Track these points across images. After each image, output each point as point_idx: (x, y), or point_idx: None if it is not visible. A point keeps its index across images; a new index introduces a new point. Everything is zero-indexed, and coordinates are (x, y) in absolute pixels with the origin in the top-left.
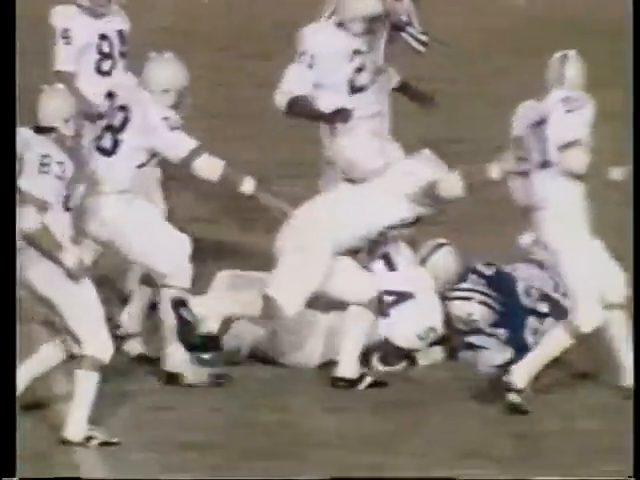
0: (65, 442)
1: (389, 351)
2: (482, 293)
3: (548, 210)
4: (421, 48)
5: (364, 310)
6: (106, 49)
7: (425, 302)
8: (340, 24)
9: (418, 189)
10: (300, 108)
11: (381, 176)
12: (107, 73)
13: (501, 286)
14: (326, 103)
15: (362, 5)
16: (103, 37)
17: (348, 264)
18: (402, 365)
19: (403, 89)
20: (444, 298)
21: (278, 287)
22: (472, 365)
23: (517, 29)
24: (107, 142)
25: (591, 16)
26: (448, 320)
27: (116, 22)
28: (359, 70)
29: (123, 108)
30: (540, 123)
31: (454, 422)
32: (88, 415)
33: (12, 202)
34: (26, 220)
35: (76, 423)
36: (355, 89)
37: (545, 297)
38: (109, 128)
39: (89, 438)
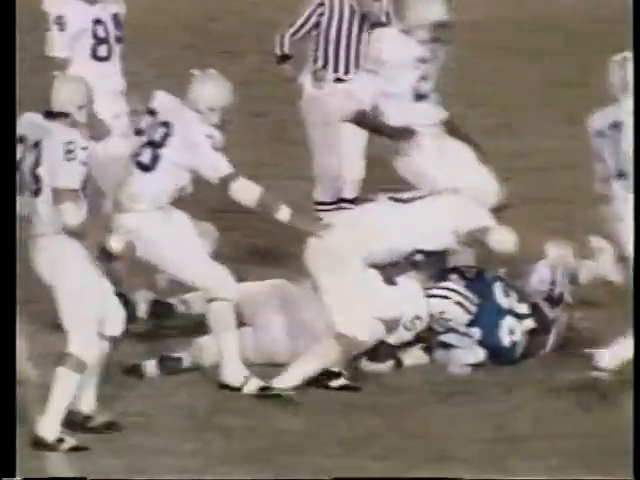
0: (37, 442)
1: (377, 347)
2: (459, 294)
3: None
4: None
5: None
6: (101, 34)
7: (409, 290)
8: (406, 30)
9: (468, 230)
10: (368, 121)
11: (437, 198)
12: (104, 58)
13: (479, 288)
14: (390, 112)
15: (429, 12)
16: (98, 22)
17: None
18: (390, 364)
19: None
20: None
21: (344, 321)
22: (445, 364)
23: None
24: (146, 157)
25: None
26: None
27: (111, 6)
28: (423, 79)
29: (165, 124)
30: (614, 131)
31: (425, 425)
32: (62, 418)
33: (12, 200)
34: (69, 216)
35: (50, 423)
36: (418, 97)
37: (525, 298)
38: (149, 144)
39: (60, 440)
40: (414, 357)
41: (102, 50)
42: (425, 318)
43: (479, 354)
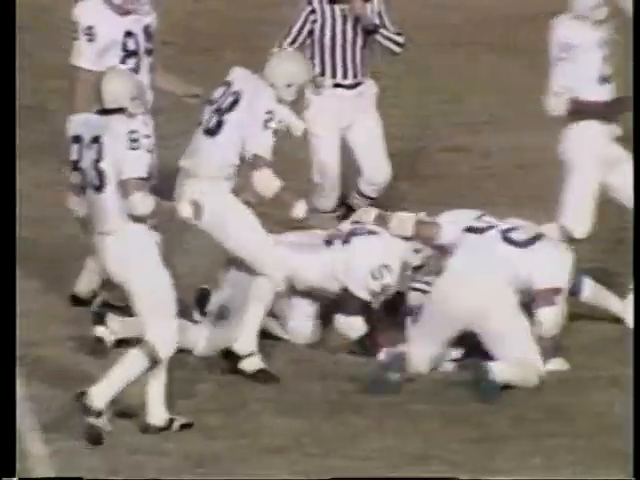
0: (85, 408)
1: (347, 301)
2: None
3: None
4: (397, 49)
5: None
6: (131, 46)
7: (382, 241)
8: (579, 16)
9: None
10: (582, 106)
11: None
12: (132, 71)
13: None
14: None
15: None
16: (129, 34)
17: None
18: (360, 321)
19: None
20: (407, 289)
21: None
22: None
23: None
24: (212, 123)
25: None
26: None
27: (144, 18)
28: (605, 60)
29: (235, 93)
30: None
31: (408, 425)
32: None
33: (12, 195)
34: (137, 206)
35: (102, 394)
36: (603, 80)
37: None
38: (217, 110)
39: (99, 413)
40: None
41: (131, 62)
42: (395, 269)
43: (456, 351)
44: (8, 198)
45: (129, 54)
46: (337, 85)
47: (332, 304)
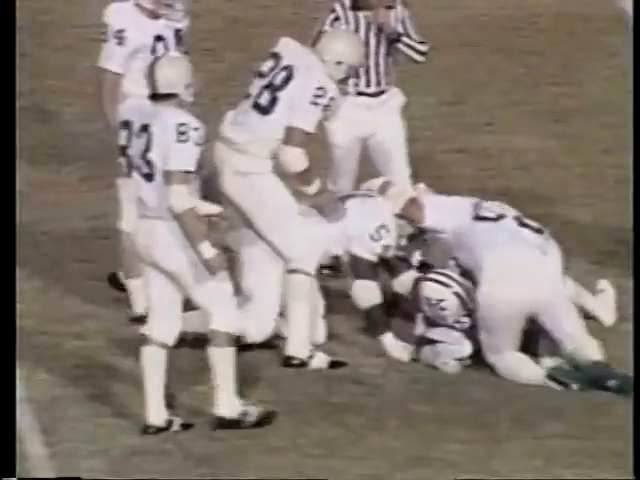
0: (224, 423)
1: (355, 265)
2: (458, 283)
3: None
4: (419, 58)
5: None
6: (161, 50)
7: (376, 203)
8: None
9: None
10: None
11: None
12: None
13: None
14: None
15: None
16: (159, 38)
17: None
18: (372, 285)
19: None
20: (420, 278)
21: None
22: (430, 362)
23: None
24: (265, 100)
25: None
26: (415, 300)
27: (175, 22)
28: None
29: (287, 68)
30: None
31: (407, 426)
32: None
33: (12, 193)
34: (176, 199)
35: (229, 404)
36: None
37: None
38: (269, 86)
39: (238, 422)
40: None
41: None
42: (392, 228)
43: (465, 348)
44: (8, 198)
45: None
46: (360, 93)
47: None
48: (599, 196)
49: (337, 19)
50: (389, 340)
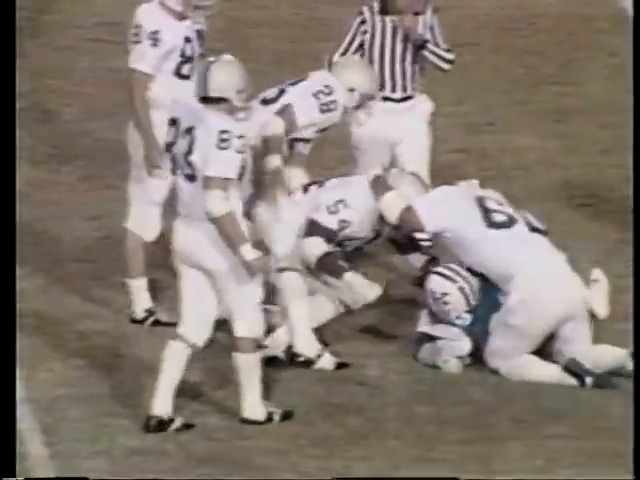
0: (245, 422)
1: (310, 227)
2: (464, 278)
3: None
4: (445, 66)
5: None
6: (189, 52)
7: (353, 183)
8: None
9: None
10: None
11: None
12: (186, 77)
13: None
14: None
15: None
16: (187, 40)
17: None
18: (320, 241)
19: None
20: (427, 271)
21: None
22: (431, 359)
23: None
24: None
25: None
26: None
27: (198, 23)
28: None
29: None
30: None
31: (408, 426)
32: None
33: (12, 193)
34: (214, 204)
35: (254, 402)
36: None
37: None
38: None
39: (270, 419)
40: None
41: (185, 69)
42: (353, 209)
43: (465, 345)
44: (8, 197)
45: (186, 60)
46: (386, 98)
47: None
48: (599, 196)
49: (363, 22)
50: (353, 277)
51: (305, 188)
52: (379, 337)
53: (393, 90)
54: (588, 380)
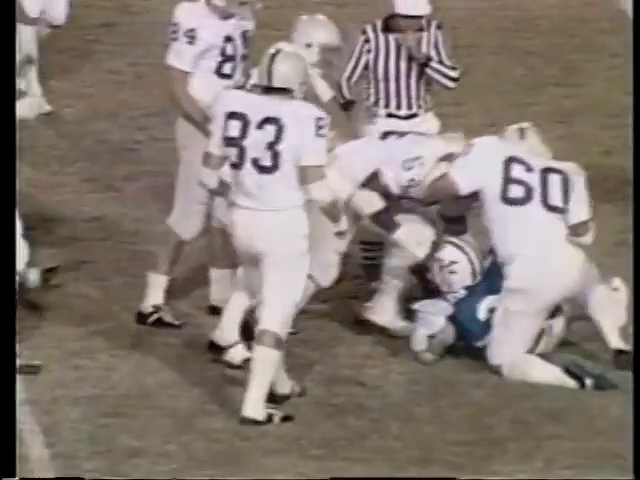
0: (244, 420)
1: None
2: (473, 255)
3: None
4: (449, 84)
5: None
6: (230, 51)
7: (422, 138)
8: None
9: None
10: None
11: None
12: (228, 76)
13: (495, 260)
14: None
15: None
16: (228, 39)
17: None
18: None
19: None
20: (439, 241)
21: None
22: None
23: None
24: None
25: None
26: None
27: (243, 23)
28: None
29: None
30: None
31: (408, 427)
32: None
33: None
34: (320, 193)
35: (257, 403)
36: None
37: None
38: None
39: (269, 420)
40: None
41: (227, 68)
42: (426, 165)
43: (438, 323)
44: (8, 199)
45: (227, 59)
46: (390, 115)
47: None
48: (599, 197)
49: (367, 41)
50: (405, 234)
51: (384, 135)
52: (379, 337)
53: (398, 107)
54: (588, 382)
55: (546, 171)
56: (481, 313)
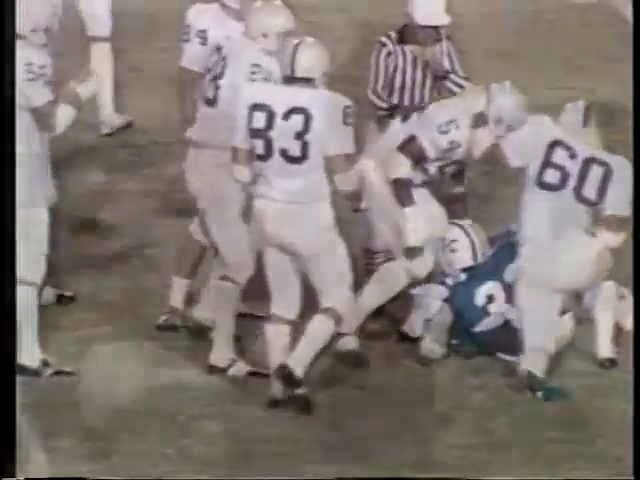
0: (289, 379)
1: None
2: (476, 238)
3: None
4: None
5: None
6: None
7: (453, 100)
8: None
9: None
10: None
11: None
12: None
13: (502, 247)
14: None
15: None
16: None
17: None
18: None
19: None
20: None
21: None
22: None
23: None
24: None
25: None
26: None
27: None
28: None
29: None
30: None
31: (408, 429)
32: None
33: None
34: (347, 183)
35: (299, 364)
36: None
37: None
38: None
39: (300, 382)
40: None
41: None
42: (464, 127)
43: (434, 306)
44: (8, 199)
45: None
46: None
47: None
48: None
49: (390, 54)
50: (413, 213)
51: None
52: (379, 339)
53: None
54: (538, 394)
55: (590, 161)
56: (478, 299)
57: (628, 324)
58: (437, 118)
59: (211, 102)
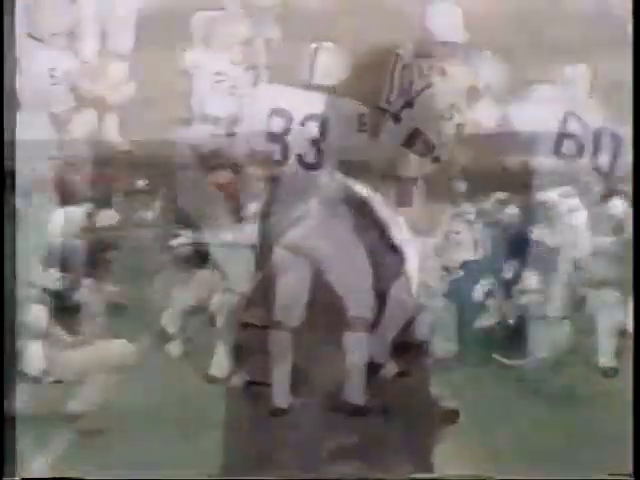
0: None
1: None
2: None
3: None
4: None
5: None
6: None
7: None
8: None
9: None
10: None
11: None
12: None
13: (514, 241)
14: None
15: None
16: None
17: None
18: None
19: None
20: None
21: None
22: None
23: None
24: None
25: None
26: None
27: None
28: None
29: None
30: None
31: (413, 432)
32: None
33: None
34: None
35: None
36: None
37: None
38: None
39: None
40: None
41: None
42: (462, 105)
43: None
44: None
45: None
46: None
47: None
48: None
49: (405, 67)
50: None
51: None
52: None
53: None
54: None
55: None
56: (476, 294)
57: (606, 359)
58: (436, 106)
59: None
